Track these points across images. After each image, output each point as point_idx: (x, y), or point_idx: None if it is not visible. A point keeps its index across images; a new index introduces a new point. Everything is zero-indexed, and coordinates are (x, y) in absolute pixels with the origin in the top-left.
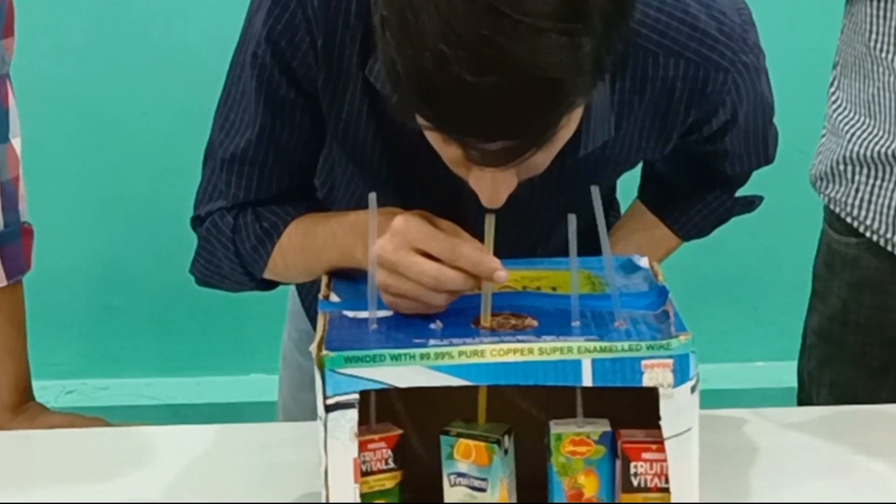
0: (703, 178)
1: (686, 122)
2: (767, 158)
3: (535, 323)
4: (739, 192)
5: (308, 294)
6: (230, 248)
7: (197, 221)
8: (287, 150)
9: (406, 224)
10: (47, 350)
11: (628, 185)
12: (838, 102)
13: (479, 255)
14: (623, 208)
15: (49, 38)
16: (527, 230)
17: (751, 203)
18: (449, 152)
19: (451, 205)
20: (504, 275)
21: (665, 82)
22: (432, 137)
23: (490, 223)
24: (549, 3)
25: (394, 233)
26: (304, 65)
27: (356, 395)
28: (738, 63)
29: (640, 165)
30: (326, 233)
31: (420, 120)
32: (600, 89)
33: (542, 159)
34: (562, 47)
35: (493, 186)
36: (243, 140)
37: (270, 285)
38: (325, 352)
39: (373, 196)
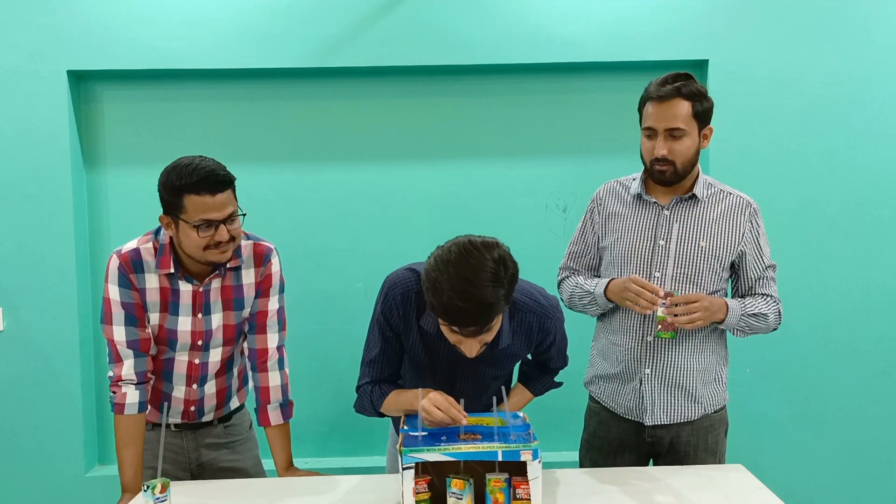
0: (541, 370)
1: (537, 339)
2: (565, 363)
3: (480, 437)
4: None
5: (395, 423)
6: (367, 399)
7: (358, 388)
8: (390, 357)
9: (435, 396)
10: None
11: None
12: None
13: (458, 415)
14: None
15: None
16: (477, 386)
17: (559, 384)
18: (452, 336)
19: (451, 378)
20: (465, 422)
21: (529, 324)
22: (445, 330)
23: (462, 403)
24: (488, 277)
25: (429, 399)
26: (395, 324)
27: (413, 464)
28: (555, 316)
29: (519, 364)
30: (403, 397)
31: (441, 323)
32: (505, 322)
33: (488, 337)
34: (494, 292)
35: (469, 348)
36: (374, 353)
37: (382, 415)
38: (401, 447)
39: (420, 389)
